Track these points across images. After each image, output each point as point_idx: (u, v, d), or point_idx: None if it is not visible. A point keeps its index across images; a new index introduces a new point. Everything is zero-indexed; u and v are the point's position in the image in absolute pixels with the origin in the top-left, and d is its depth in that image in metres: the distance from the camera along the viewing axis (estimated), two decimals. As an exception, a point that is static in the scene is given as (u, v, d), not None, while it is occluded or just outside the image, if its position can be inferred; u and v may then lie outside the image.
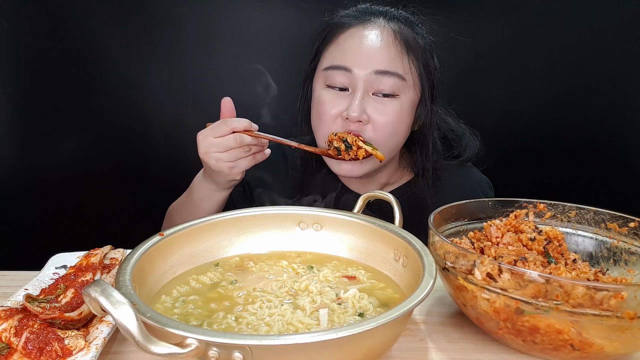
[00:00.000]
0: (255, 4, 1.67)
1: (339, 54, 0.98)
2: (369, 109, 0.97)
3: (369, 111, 0.97)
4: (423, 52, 1.00)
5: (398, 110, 0.98)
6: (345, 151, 0.96)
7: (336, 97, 0.99)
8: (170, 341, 0.46)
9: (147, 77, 1.71)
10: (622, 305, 0.54)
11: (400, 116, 0.98)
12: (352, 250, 0.81)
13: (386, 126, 0.97)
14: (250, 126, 0.94)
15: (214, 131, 0.93)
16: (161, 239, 0.71)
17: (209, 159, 0.94)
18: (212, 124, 0.96)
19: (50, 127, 1.71)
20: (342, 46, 0.98)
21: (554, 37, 1.67)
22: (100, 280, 0.55)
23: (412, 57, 0.97)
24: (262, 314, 0.63)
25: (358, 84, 0.96)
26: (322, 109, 1.00)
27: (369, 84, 0.96)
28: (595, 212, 0.79)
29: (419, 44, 1.01)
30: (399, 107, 0.98)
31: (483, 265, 0.61)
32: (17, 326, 0.60)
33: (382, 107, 0.97)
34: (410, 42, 0.98)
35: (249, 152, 0.95)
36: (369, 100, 0.97)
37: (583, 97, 1.72)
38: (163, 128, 1.76)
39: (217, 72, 1.73)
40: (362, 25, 0.99)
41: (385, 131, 0.98)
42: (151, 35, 1.67)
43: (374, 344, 0.53)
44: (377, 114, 0.97)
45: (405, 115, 1.00)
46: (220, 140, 0.92)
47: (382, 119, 0.97)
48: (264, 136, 0.95)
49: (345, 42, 0.98)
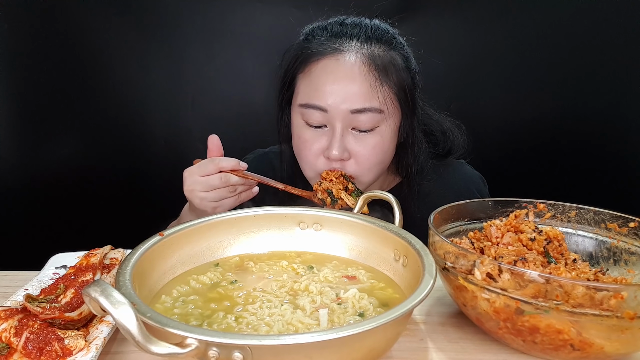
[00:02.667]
0: (255, 5, 1.67)
1: (313, 92, 0.94)
2: (349, 145, 0.95)
3: (350, 147, 0.95)
4: (398, 73, 0.96)
5: (379, 142, 0.96)
6: (330, 204, 0.96)
7: (315, 135, 0.97)
8: (170, 341, 0.46)
9: (147, 77, 1.71)
10: (622, 305, 0.54)
11: (382, 146, 0.96)
12: (352, 250, 0.81)
13: (369, 159, 0.96)
14: (239, 165, 0.91)
15: (201, 169, 0.91)
16: (161, 239, 0.71)
17: (193, 198, 0.92)
18: (200, 160, 0.94)
19: (50, 127, 1.71)
20: (316, 82, 0.94)
21: (554, 37, 1.67)
22: (100, 280, 0.55)
23: (387, 85, 0.94)
24: (262, 314, 0.63)
25: (335, 123, 0.93)
26: (304, 146, 0.98)
27: (346, 122, 0.94)
28: (595, 212, 0.79)
29: (394, 63, 0.96)
30: (380, 138, 0.95)
31: (483, 265, 0.61)
32: (17, 326, 0.60)
33: (362, 141, 0.95)
34: (386, 67, 0.94)
35: (234, 192, 0.93)
36: (349, 136, 0.95)
37: (583, 97, 1.72)
38: (163, 128, 1.76)
39: (217, 72, 1.73)
40: (334, 57, 0.94)
41: (369, 163, 0.97)
42: (151, 36, 1.68)
43: (374, 344, 0.53)
44: (358, 149, 0.95)
45: (387, 143, 0.98)
46: (205, 179, 0.90)
47: (364, 152, 0.95)
48: (251, 176, 0.93)
49: (318, 77, 0.94)
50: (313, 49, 0.96)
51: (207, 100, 1.75)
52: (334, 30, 0.98)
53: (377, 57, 0.94)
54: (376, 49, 0.95)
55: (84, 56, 1.66)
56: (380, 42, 0.97)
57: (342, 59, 0.93)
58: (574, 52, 1.68)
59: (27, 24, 1.62)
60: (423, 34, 1.66)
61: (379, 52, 0.95)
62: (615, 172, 1.75)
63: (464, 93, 1.71)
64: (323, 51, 0.95)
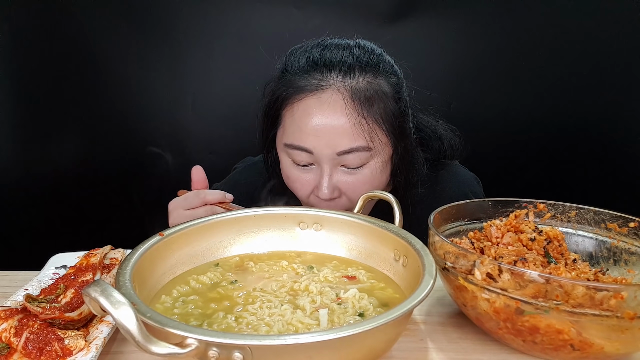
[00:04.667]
0: (255, 5, 1.67)
1: (297, 132, 0.91)
2: (339, 183, 0.93)
3: (340, 186, 0.93)
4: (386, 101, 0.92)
5: (370, 176, 0.94)
6: None
7: (304, 174, 0.95)
8: (170, 341, 0.46)
9: (147, 77, 1.71)
10: (622, 305, 0.54)
11: (373, 180, 0.95)
12: (352, 250, 0.81)
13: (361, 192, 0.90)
14: (224, 197, 0.88)
15: (186, 202, 0.88)
16: (161, 239, 0.71)
17: None
18: (185, 192, 0.91)
19: (50, 127, 1.71)
20: (299, 123, 0.91)
21: (555, 37, 1.67)
22: (100, 280, 0.55)
23: (373, 120, 0.90)
24: (262, 314, 0.63)
25: (323, 164, 0.92)
26: (294, 185, 0.97)
27: (334, 162, 0.92)
28: (595, 212, 0.79)
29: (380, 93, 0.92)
30: (369, 173, 0.94)
31: (483, 266, 0.61)
32: (17, 326, 0.60)
33: (352, 178, 0.93)
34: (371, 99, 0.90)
35: None
36: (338, 174, 0.93)
37: (583, 97, 1.72)
38: (163, 128, 1.76)
39: (217, 72, 1.73)
40: (315, 95, 0.89)
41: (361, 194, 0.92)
42: (151, 36, 1.68)
43: (374, 344, 0.53)
44: (348, 186, 0.94)
45: (378, 175, 0.95)
46: (190, 213, 0.87)
47: (355, 188, 0.94)
48: (237, 208, 0.89)
49: (300, 118, 0.91)
50: (294, 85, 0.92)
51: (207, 100, 1.75)
52: (314, 59, 0.93)
53: (361, 90, 0.90)
54: (360, 81, 0.91)
55: (84, 56, 1.66)
56: (364, 71, 0.92)
57: (323, 98, 0.89)
58: (574, 52, 1.68)
59: (27, 24, 1.62)
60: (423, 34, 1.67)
61: (363, 85, 0.90)
62: (616, 172, 1.75)
63: (464, 93, 1.71)
64: (303, 88, 0.91)
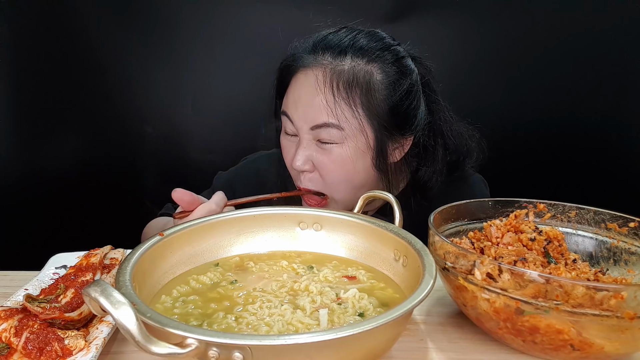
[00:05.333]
0: (255, 5, 1.67)
1: (287, 102, 0.98)
2: (314, 157, 0.96)
3: (314, 159, 0.97)
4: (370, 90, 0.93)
5: (343, 157, 0.95)
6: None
7: (289, 143, 1.01)
8: (170, 341, 0.46)
9: (147, 77, 1.71)
10: (622, 305, 0.54)
11: (346, 162, 0.95)
12: (352, 250, 0.81)
13: (333, 172, 0.96)
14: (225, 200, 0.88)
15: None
16: (161, 239, 0.71)
17: None
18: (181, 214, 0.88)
19: (50, 127, 1.71)
20: (290, 94, 0.98)
21: (555, 37, 1.67)
22: (100, 280, 0.55)
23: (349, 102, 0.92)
24: (262, 314, 0.63)
25: (301, 135, 0.97)
26: (283, 152, 1.03)
27: (310, 135, 0.96)
28: (595, 212, 0.79)
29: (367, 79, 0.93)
30: (342, 154, 0.95)
31: (483, 266, 0.61)
32: (17, 326, 0.60)
33: (326, 154, 0.96)
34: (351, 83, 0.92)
35: None
36: (313, 148, 0.97)
37: (584, 96, 1.72)
38: (163, 128, 1.76)
39: (217, 72, 1.73)
40: (304, 72, 0.96)
41: (334, 177, 0.97)
42: (151, 35, 1.67)
43: (374, 344, 0.53)
44: (321, 162, 0.96)
45: (353, 160, 0.96)
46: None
47: (327, 166, 0.96)
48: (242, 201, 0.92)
49: (292, 89, 0.98)
50: (296, 61, 0.99)
51: (207, 100, 1.75)
52: (318, 41, 0.98)
53: (344, 73, 0.92)
54: (347, 64, 0.93)
55: (85, 56, 1.66)
56: (357, 57, 0.94)
57: (310, 74, 0.95)
58: (574, 52, 1.68)
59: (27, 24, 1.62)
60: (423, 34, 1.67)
61: (348, 68, 0.93)
62: (616, 172, 1.75)
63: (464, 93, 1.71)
64: (298, 66, 0.98)
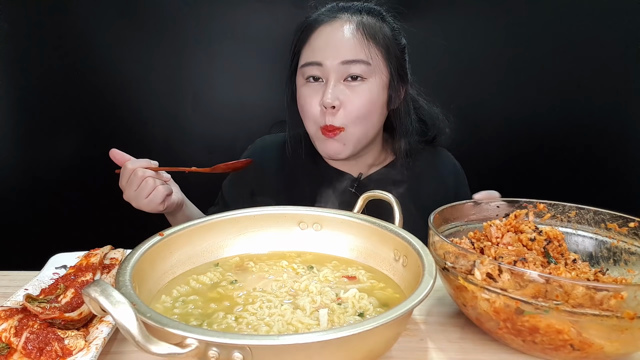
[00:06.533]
0: (255, 5, 1.67)
1: (311, 52, 1.09)
2: (341, 95, 1.06)
3: (341, 97, 1.06)
4: (385, 38, 1.09)
5: (367, 92, 1.07)
6: None
7: (314, 89, 1.10)
8: (170, 341, 0.46)
9: (147, 77, 1.71)
10: (622, 305, 0.54)
11: (370, 97, 1.07)
12: (352, 250, 0.81)
13: (358, 108, 1.06)
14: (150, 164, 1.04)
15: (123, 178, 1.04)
16: (161, 239, 0.71)
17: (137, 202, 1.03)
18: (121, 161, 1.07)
19: (50, 126, 1.71)
20: (313, 45, 1.09)
21: (555, 37, 1.67)
22: (100, 280, 0.55)
23: (374, 44, 1.07)
24: (262, 314, 0.63)
25: (330, 74, 1.06)
26: (305, 101, 1.11)
27: (339, 73, 1.06)
28: (595, 212, 0.79)
29: (382, 30, 1.10)
30: (367, 89, 1.07)
31: (483, 266, 0.61)
32: (17, 326, 0.60)
33: (352, 91, 1.07)
34: (373, 30, 1.08)
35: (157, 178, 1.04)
36: (341, 87, 1.07)
37: (584, 96, 1.72)
38: (163, 128, 1.76)
39: (217, 72, 1.73)
40: (329, 23, 1.09)
41: (358, 113, 1.07)
42: (151, 35, 1.67)
43: (374, 344, 0.53)
44: (348, 98, 1.06)
45: (375, 96, 1.08)
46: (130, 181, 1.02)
47: (353, 100, 1.06)
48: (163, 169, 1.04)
49: (315, 40, 1.09)
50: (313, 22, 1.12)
51: (207, 100, 1.75)
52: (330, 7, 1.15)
53: (366, 24, 1.09)
54: (365, 18, 1.10)
55: (85, 56, 1.66)
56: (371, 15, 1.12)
57: (335, 24, 1.09)
58: (574, 52, 1.68)
59: (27, 24, 1.62)
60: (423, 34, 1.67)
61: (368, 21, 1.10)
62: (616, 172, 1.75)
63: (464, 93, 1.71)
64: (321, 20, 1.10)
